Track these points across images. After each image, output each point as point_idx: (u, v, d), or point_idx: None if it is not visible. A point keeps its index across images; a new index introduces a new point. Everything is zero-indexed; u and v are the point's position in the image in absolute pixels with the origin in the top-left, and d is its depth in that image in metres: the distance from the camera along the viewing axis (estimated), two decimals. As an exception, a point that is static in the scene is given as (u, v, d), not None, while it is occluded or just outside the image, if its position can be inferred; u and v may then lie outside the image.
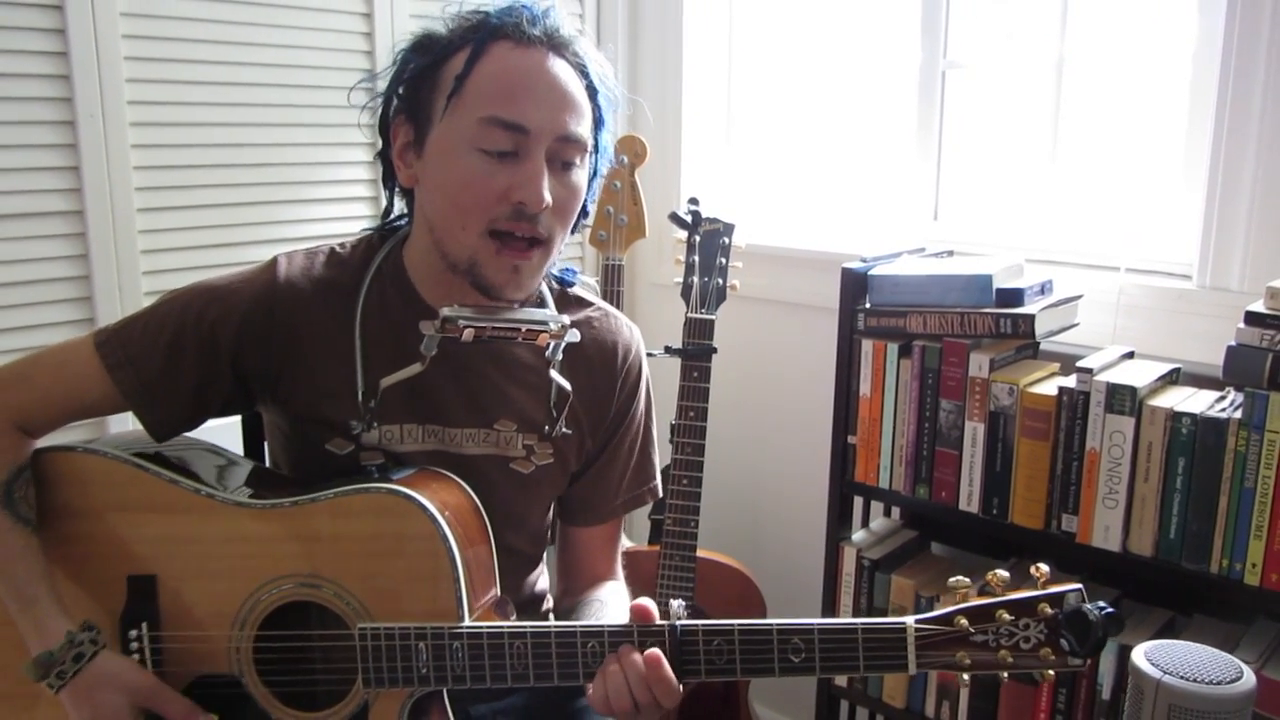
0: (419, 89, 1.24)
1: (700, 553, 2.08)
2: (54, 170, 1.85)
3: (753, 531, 2.61)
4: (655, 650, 1.11)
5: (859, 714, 2.26)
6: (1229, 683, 0.89)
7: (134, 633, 1.21)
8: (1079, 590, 1.05)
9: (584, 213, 1.32)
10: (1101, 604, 1.03)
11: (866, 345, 1.91)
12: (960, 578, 1.08)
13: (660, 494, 1.53)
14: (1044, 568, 1.07)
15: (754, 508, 2.62)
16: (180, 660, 1.21)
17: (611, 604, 1.37)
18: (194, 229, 2.03)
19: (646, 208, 2.32)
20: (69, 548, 1.22)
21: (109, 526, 1.23)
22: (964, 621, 1.06)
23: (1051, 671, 1.05)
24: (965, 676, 1.07)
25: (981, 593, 1.09)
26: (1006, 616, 1.05)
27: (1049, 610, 1.04)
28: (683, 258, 2.12)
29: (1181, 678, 0.89)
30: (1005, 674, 1.07)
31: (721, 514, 2.55)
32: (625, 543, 2.32)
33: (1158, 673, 0.90)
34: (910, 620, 1.08)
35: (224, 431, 1.43)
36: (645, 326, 2.76)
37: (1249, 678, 0.90)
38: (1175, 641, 0.93)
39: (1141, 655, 0.92)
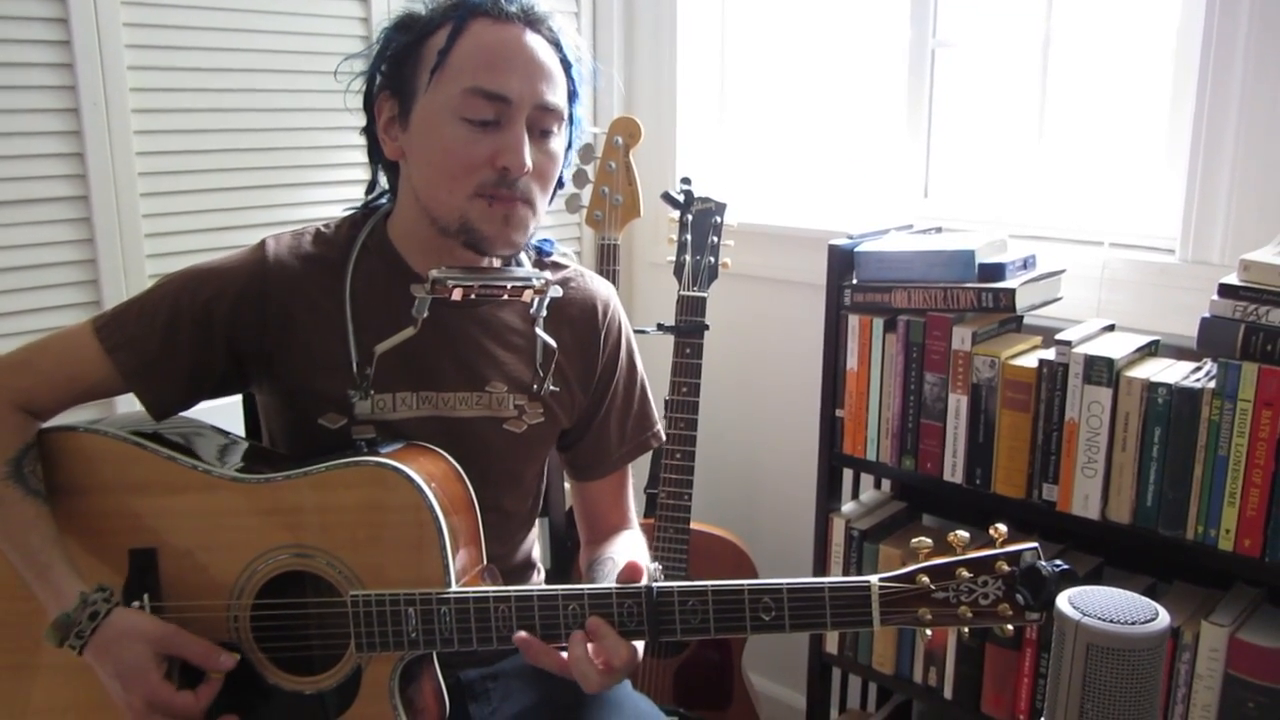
0: (403, 65, 1.30)
1: (694, 525, 2.13)
2: (59, 157, 1.89)
3: (746, 504, 2.66)
4: (594, 619, 1.17)
5: (850, 680, 2.31)
6: (1143, 623, 0.93)
7: (136, 604, 1.25)
8: (1035, 548, 1.09)
9: (559, 183, 1.38)
10: (1057, 562, 1.07)
11: (853, 320, 1.94)
12: (922, 538, 1.12)
13: (663, 438, 1.60)
14: (1002, 528, 1.11)
15: (747, 481, 2.66)
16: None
17: (622, 562, 1.42)
18: (197, 213, 2.07)
19: (641, 188, 2.35)
20: (72, 524, 1.27)
21: (110, 503, 1.27)
22: (925, 579, 1.10)
23: (1010, 626, 1.10)
24: (927, 632, 1.11)
25: (943, 552, 1.13)
26: (966, 574, 1.10)
27: (1006, 567, 1.09)
28: (676, 237, 2.16)
29: (1099, 619, 0.93)
30: (967, 629, 1.11)
31: (715, 487, 2.60)
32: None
33: (1077, 614, 0.94)
34: (874, 579, 1.12)
35: (225, 413, 1.49)
36: (641, 304, 2.83)
37: (1163, 619, 0.94)
38: (1099, 587, 0.97)
39: (1065, 600, 0.97)
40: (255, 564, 1.25)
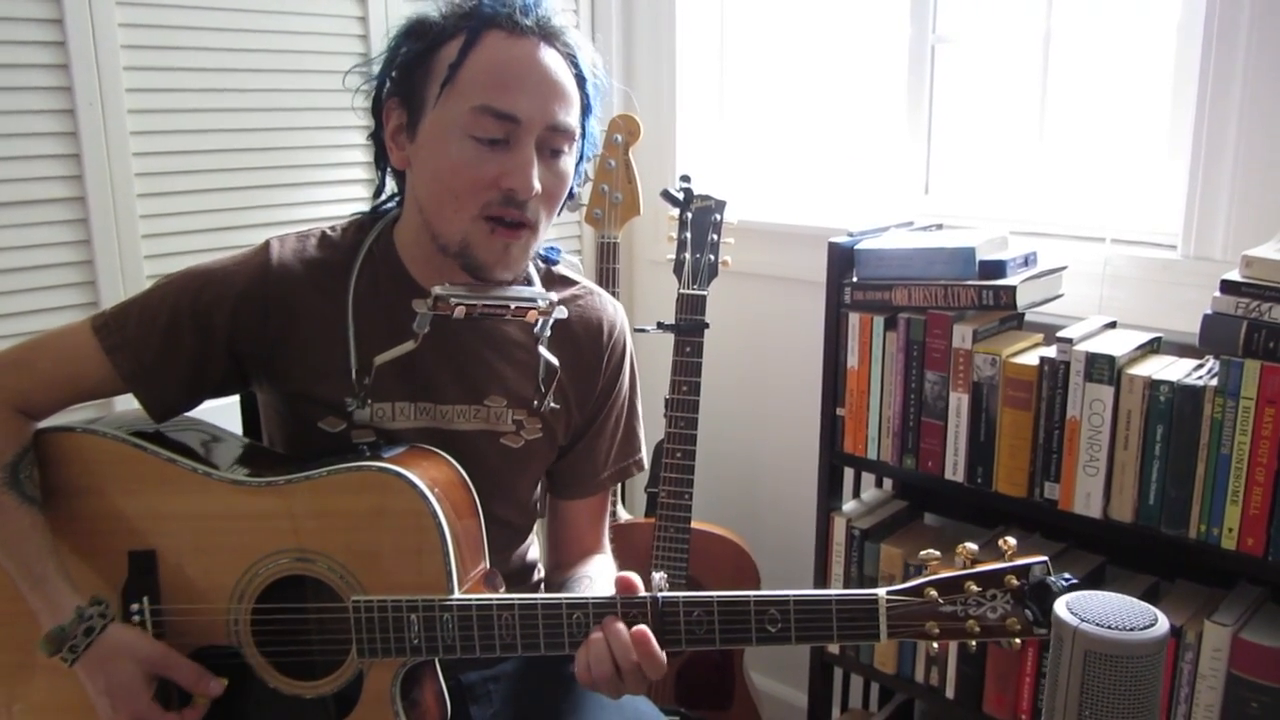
0: (413, 74, 1.27)
1: (695, 524, 2.12)
2: (55, 158, 1.88)
3: (746, 503, 2.65)
4: (643, 627, 1.14)
5: (852, 680, 2.30)
6: (1142, 629, 0.92)
7: (135, 606, 1.25)
8: (1044, 562, 1.08)
9: (569, 194, 1.35)
10: (1066, 575, 1.06)
11: (853, 318, 1.93)
12: (930, 551, 1.12)
13: (645, 466, 1.57)
14: (1011, 541, 1.10)
15: (748, 480, 2.66)
16: (181, 633, 1.26)
17: (599, 581, 1.41)
18: (195, 213, 2.06)
19: (641, 185, 2.35)
20: (70, 525, 1.26)
21: (109, 504, 1.27)
22: (933, 593, 1.09)
23: (1018, 640, 1.09)
24: (934, 645, 1.11)
25: (951, 565, 1.12)
26: (974, 588, 1.09)
27: (1015, 582, 1.08)
28: (675, 234, 2.15)
29: (1097, 625, 0.93)
30: (974, 642, 1.10)
31: (716, 486, 2.59)
32: (623, 515, 2.37)
33: (1076, 620, 0.94)
34: (881, 592, 1.11)
35: (223, 413, 1.48)
36: (641, 303, 2.82)
37: (1162, 624, 0.93)
38: (1097, 592, 0.97)
39: (1063, 605, 0.96)
40: (256, 567, 1.24)
